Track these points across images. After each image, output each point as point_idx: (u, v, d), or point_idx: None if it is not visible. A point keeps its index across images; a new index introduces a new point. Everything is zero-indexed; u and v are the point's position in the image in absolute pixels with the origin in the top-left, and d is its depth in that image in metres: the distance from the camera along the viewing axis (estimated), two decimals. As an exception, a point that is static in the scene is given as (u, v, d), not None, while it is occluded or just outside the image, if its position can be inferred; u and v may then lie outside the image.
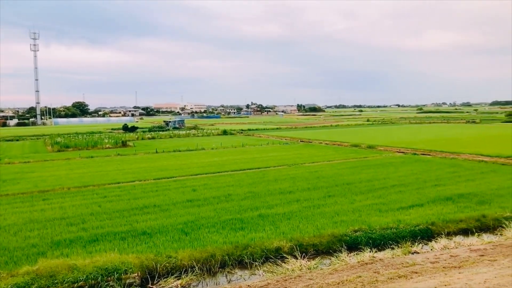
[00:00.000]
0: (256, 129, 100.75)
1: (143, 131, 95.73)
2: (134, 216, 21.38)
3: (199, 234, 18.15)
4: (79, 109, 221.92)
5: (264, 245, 16.24)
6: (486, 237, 17.71)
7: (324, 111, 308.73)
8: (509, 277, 10.83)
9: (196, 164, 40.41)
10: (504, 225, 18.46)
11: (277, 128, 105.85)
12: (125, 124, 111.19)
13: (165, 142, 71.23)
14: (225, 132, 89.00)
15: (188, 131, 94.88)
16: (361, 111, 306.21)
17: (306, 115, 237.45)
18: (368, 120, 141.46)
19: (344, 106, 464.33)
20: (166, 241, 17.25)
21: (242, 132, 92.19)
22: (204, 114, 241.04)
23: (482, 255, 14.16)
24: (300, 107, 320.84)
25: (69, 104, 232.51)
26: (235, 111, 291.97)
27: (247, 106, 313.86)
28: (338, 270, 13.05)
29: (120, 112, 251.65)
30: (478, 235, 17.87)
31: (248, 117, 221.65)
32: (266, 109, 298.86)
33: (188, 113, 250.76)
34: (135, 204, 23.84)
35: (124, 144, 65.01)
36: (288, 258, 15.15)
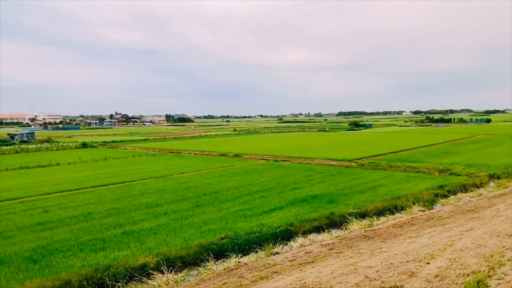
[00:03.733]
0: (121, 141, 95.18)
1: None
2: (-34, 248, 17.87)
3: (51, 260, 16.17)
4: None
5: (128, 263, 15.35)
6: (335, 232, 20.10)
7: (193, 121, 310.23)
8: (351, 266, 12.46)
9: (49, 182, 36.02)
10: (348, 220, 21.24)
11: (144, 139, 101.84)
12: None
13: (10, 158, 61.72)
14: (85, 145, 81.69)
15: (39, 145, 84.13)
16: (229, 121, 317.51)
17: (175, 125, 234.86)
18: (235, 130, 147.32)
19: (212, 117, 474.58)
20: (9, 273, 14.89)
21: (105, 145, 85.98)
22: (60, 126, 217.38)
23: (331, 249, 16.01)
24: (169, 118, 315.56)
25: None
26: (97, 121, 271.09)
27: (111, 116, 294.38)
28: (205, 280, 13.14)
29: None
30: (328, 231, 20.18)
31: (112, 128, 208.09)
32: (132, 120, 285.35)
33: (40, 125, 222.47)
34: (-33, 234, 19.95)
35: (-47, 162, 54.01)
36: (154, 274, 14.62)
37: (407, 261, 11.41)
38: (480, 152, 52.19)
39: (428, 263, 10.80)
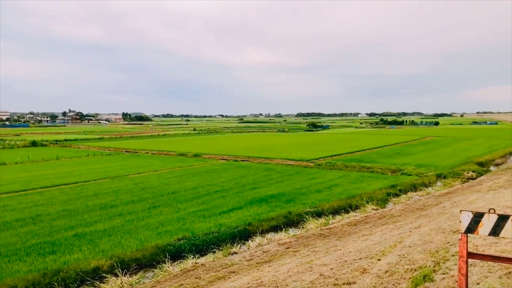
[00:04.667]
0: (75, 140, 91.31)
1: None
2: None
3: (-5, 266, 15.18)
4: None
5: (80, 267, 14.74)
6: (292, 231, 20.41)
7: (151, 120, 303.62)
8: (307, 264, 12.70)
9: (-7, 182, 33.82)
10: (305, 219, 21.63)
11: (99, 138, 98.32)
12: None
13: (-51, 156, 57.32)
14: (34, 143, 77.49)
15: (-17, 143, 78.82)
16: (188, 120, 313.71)
17: (132, 124, 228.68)
18: (194, 129, 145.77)
19: (172, 116, 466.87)
20: None
21: (57, 143, 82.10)
22: (7, 123, 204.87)
23: (288, 248, 16.24)
24: (126, 116, 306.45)
25: None
26: (49, 119, 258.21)
27: (64, 114, 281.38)
28: (161, 282, 12.89)
29: None
30: (286, 230, 20.45)
31: (65, 126, 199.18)
32: (87, 118, 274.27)
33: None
34: None
35: None
36: (107, 278, 14.14)
37: (360, 258, 11.80)
38: (429, 153, 55.02)
39: (379, 260, 11.23)
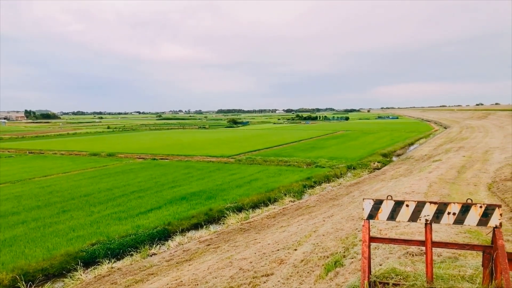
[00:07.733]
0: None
1: None
2: None
3: None
4: None
5: (-26, 284, 13.12)
6: (213, 228, 20.42)
7: (60, 118, 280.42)
8: (227, 260, 12.80)
9: None
10: (226, 215, 21.78)
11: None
12: None
13: None
14: None
15: None
16: (102, 118, 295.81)
17: (37, 122, 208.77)
18: (108, 127, 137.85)
19: (83, 113, 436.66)
20: None
21: None
22: None
23: (209, 245, 16.21)
24: (29, 114, 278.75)
25: None
26: None
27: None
28: (72, 292, 12.01)
29: None
30: (207, 227, 20.39)
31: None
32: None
33: None
34: None
35: None
36: (9, 293, 12.79)
37: (278, 250, 12.23)
38: (340, 146, 58.88)
39: (295, 250, 11.75)
